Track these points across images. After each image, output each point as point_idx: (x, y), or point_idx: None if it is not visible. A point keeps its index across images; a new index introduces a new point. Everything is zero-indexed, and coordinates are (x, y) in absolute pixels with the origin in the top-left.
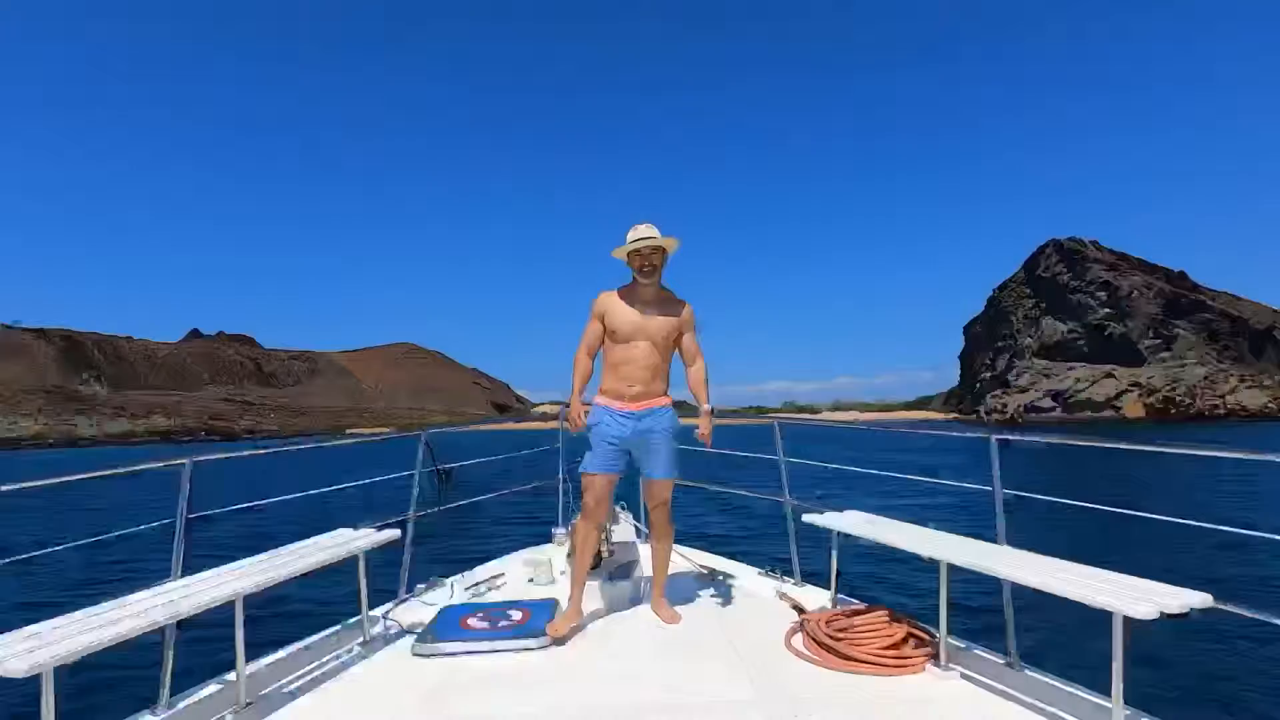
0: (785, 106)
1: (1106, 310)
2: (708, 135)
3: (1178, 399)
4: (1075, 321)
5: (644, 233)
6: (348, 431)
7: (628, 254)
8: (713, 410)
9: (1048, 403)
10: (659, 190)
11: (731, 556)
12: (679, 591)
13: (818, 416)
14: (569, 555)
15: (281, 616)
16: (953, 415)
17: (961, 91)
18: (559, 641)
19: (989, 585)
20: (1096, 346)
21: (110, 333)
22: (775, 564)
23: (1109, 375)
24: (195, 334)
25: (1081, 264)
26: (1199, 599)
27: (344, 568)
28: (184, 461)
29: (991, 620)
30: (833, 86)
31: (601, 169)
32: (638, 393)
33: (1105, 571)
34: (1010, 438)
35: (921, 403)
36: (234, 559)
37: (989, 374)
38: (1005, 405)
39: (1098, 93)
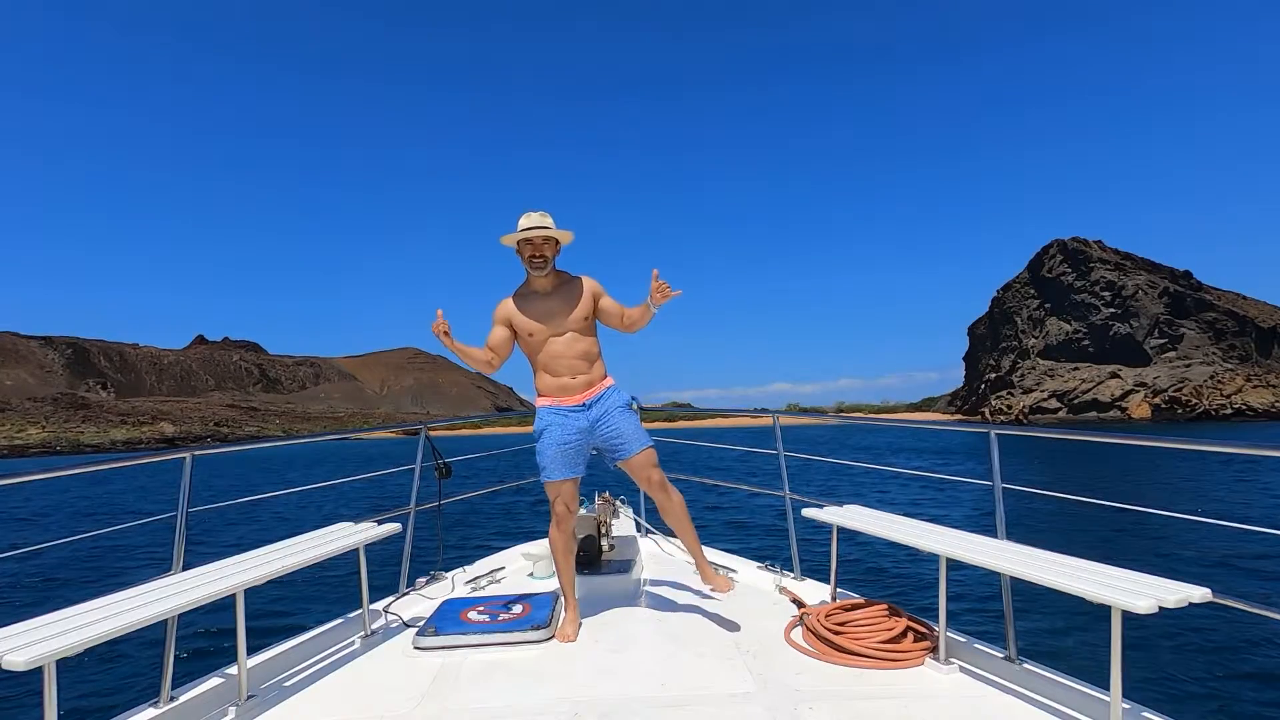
0: (789, 107)
1: (1111, 310)
2: (712, 136)
3: (1184, 399)
4: (1080, 322)
5: (537, 221)
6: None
7: (518, 242)
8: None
9: (1053, 403)
10: (663, 191)
11: (732, 551)
12: (678, 585)
13: (822, 420)
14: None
15: (283, 610)
16: (957, 416)
17: (966, 91)
18: (557, 635)
19: (989, 579)
20: (1101, 347)
21: (116, 340)
22: (775, 558)
23: (1114, 375)
24: (200, 340)
25: (1086, 264)
26: (1198, 593)
27: (345, 562)
28: (185, 455)
29: (991, 614)
30: (837, 86)
31: (605, 171)
32: (583, 382)
33: (1104, 566)
34: (1009, 432)
35: (926, 404)
36: (235, 553)
37: (994, 375)
38: (1010, 406)
39: (1103, 92)
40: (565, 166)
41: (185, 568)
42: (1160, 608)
